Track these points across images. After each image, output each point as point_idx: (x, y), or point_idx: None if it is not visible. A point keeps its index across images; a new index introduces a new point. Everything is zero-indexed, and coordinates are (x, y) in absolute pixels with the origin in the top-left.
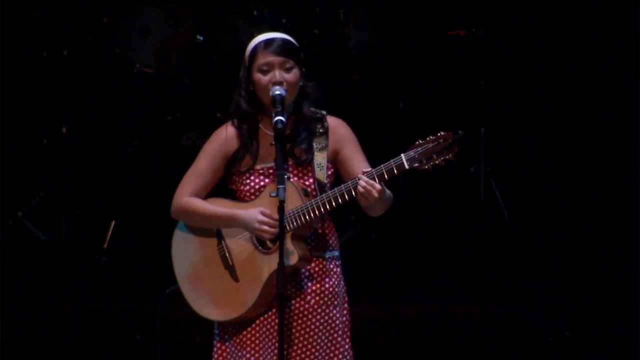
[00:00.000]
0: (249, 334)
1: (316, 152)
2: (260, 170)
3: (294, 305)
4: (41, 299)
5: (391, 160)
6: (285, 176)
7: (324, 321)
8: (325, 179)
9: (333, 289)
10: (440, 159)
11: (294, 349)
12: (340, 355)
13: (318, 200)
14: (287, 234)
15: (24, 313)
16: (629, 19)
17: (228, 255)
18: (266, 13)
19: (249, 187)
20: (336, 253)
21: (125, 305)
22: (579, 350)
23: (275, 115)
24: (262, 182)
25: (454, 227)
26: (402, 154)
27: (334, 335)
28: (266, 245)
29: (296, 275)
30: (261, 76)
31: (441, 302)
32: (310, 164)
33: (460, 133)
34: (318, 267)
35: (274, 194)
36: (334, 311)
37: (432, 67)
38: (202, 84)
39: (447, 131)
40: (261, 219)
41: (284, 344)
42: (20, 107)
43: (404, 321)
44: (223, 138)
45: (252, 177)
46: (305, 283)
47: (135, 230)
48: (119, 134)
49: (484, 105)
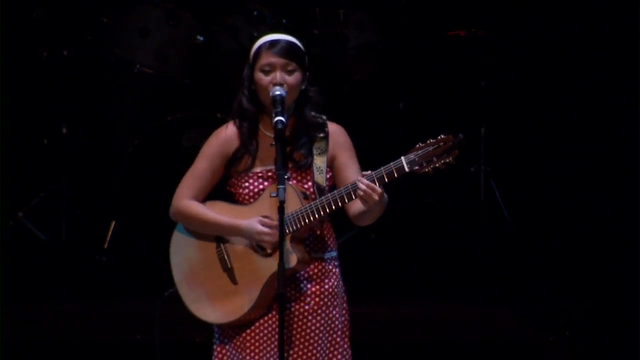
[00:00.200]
0: (249, 336)
1: (316, 156)
2: (259, 173)
3: (294, 307)
4: (41, 299)
5: (391, 163)
6: (285, 176)
7: (324, 322)
8: (324, 182)
9: (332, 289)
10: (440, 162)
11: (295, 351)
12: (339, 356)
13: (317, 204)
14: (287, 237)
15: (24, 313)
16: (629, 19)
17: (227, 257)
18: (266, 13)
19: (247, 190)
20: (334, 254)
21: (125, 305)
22: (579, 350)
23: (276, 116)
24: (261, 185)
25: (454, 228)
26: (402, 157)
27: (333, 335)
28: (265, 249)
29: (295, 277)
30: (262, 76)
31: (441, 302)
32: (309, 167)
33: (461, 136)
34: (317, 269)
35: (274, 194)
36: (334, 312)
37: (432, 68)
38: (202, 84)
39: (448, 134)
40: (260, 229)
41: (284, 345)
42: (21, 107)
43: (403, 321)
44: (222, 138)
45: (251, 180)
46: (304, 285)
47: (135, 230)
48: (119, 134)
49: (484, 105)
